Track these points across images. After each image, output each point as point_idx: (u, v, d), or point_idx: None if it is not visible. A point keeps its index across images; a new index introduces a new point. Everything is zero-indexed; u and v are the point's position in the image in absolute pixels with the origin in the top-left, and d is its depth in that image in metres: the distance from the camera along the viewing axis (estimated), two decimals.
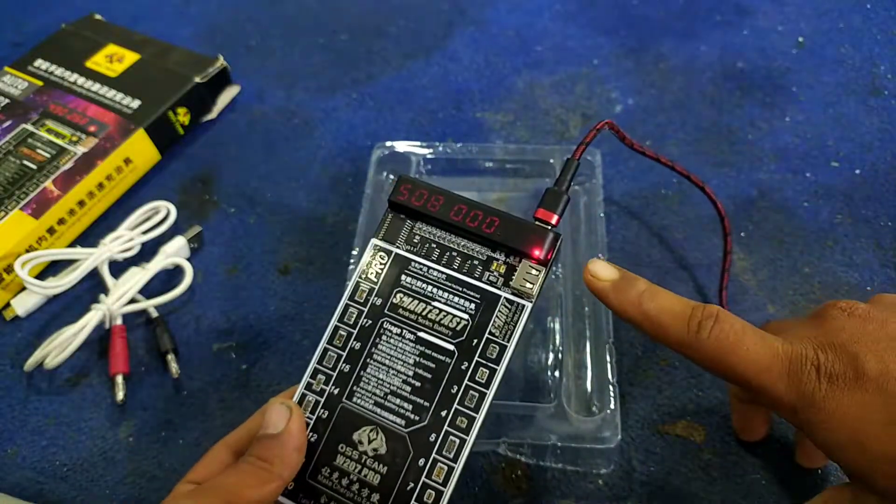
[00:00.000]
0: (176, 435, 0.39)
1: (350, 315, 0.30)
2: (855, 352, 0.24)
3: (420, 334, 0.29)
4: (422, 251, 0.30)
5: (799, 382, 0.24)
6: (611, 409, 0.34)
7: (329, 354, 0.29)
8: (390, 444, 0.28)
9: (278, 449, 0.26)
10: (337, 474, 0.28)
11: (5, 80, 0.53)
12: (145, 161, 0.51)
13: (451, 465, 0.27)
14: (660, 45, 0.57)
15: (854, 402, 0.23)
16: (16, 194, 0.45)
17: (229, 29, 0.62)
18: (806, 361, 0.24)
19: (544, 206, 0.30)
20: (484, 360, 0.28)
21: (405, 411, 0.28)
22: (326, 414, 0.29)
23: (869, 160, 0.48)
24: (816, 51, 0.55)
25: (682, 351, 0.27)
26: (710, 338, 0.25)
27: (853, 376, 0.23)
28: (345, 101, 0.55)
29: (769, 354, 0.25)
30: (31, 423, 0.40)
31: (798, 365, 0.24)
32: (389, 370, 0.29)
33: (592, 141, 0.32)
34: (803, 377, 0.24)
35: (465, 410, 0.28)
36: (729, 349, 0.25)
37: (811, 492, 0.34)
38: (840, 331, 0.25)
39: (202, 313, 0.43)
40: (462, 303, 0.29)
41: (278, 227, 0.47)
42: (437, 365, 0.28)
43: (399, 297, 0.29)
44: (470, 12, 0.61)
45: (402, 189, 0.30)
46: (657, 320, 0.27)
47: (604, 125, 0.32)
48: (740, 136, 0.50)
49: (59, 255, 0.44)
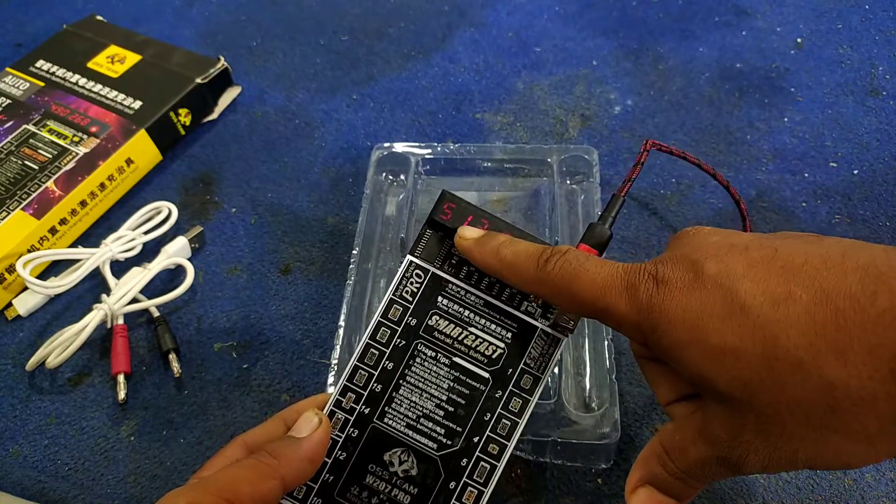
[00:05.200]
0: (177, 434, 0.39)
1: (383, 334, 0.29)
2: (696, 258, 0.24)
3: (455, 359, 0.29)
4: (460, 273, 0.30)
5: (637, 293, 0.24)
6: (610, 407, 0.34)
7: (360, 373, 0.29)
8: (421, 467, 0.28)
9: (291, 450, 0.26)
10: (367, 493, 0.28)
11: (7, 80, 0.53)
12: (147, 161, 0.51)
13: (481, 490, 0.28)
14: (659, 46, 0.57)
15: (693, 301, 0.23)
16: (17, 194, 0.46)
17: (230, 30, 0.62)
18: (644, 273, 0.24)
19: (587, 242, 0.30)
20: (518, 390, 0.28)
21: (437, 435, 0.28)
22: (357, 433, 0.28)
23: (867, 160, 0.48)
24: (815, 52, 0.55)
25: (534, 289, 0.27)
26: (556, 269, 0.26)
27: (692, 278, 0.23)
28: (345, 101, 0.55)
29: (609, 275, 0.25)
30: (32, 422, 0.40)
31: (636, 278, 0.24)
32: (423, 393, 0.29)
33: (639, 174, 0.32)
34: (640, 287, 0.24)
35: (497, 438, 0.28)
36: (572, 276, 0.25)
37: (810, 491, 0.35)
38: (684, 245, 0.25)
39: (203, 313, 0.44)
40: (499, 331, 0.29)
41: (279, 228, 0.48)
42: (472, 391, 0.29)
43: (435, 319, 0.29)
44: (470, 14, 0.61)
45: (446, 208, 0.30)
46: (512, 263, 0.27)
47: (647, 153, 0.32)
48: (739, 137, 0.50)
49: (61, 255, 0.44)
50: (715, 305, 0.22)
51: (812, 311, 0.21)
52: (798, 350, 0.21)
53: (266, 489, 0.24)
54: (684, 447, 0.25)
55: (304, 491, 0.28)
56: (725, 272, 0.23)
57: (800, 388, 0.21)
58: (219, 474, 0.25)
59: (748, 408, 0.22)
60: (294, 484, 0.26)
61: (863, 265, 0.21)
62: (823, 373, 0.20)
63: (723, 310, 0.22)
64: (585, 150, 0.45)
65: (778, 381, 0.21)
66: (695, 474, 0.25)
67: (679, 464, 0.25)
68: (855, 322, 0.20)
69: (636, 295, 0.24)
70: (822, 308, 0.21)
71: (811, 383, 0.21)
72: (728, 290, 0.22)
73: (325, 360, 0.41)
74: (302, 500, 0.28)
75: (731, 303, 0.22)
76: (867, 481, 0.35)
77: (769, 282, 0.22)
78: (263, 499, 0.24)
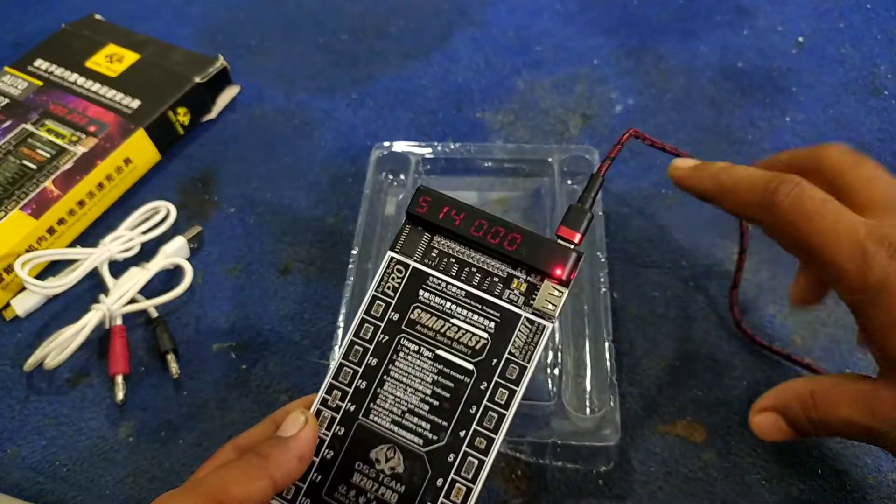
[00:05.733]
0: (176, 435, 0.39)
1: (366, 330, 0.29)
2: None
3: (438, 352, 0.28)
4: (440, 266, 0.29)
5: (873, 262, 0.22)
6: (610, 408, 0.34)
7: (345, 370, 0.29)
8: (408, 464, 0.28)
9: (279, 450, 0.26)
10: (354, 492, 0.28)
11: (5, 79, 0.53)
12: (145, 161, 0.51)
13: (469, 486, 0.27)
14: (660, 45, 0.57)
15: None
16: (16, 194, 0.45)
17: (229, 29, 0.62)
18: (883, 242, 0.23)
19: (567, 224, 0.28)
20: (503, 381, 0.28)
21: (423, 430, 0.28)
22: (343, 431, 0.28)
23: None
24: (816, 51, 0.55)
25: (757, 216, 0.26)
26: (788, 199, 0.24)
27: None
28: (345, 101, 0.55)
29: (849, 228, 0.23)
30: (30, 422, 0.40)
31: (875, 245, 0.23)
32: (407, 388, 0.28)
33: (618, 155, 0.31)
34: (878, 258, 0.22)
35: (484, 431, 0.27)
36: (805, 214, 0.24)
37: (810, 491, 0.34)
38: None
39: (202, 313, 0.43)
40: (481, 321, 0.29)
41: (278, 227, 0.48)
42: (456, 384, 0.28)
43: (417, 313, 0.29)
44: (470, 13, 0.61)
45: (422, 202, 0.29)
46: (733, 188, 0.26)
47: (628, 137, 0.32)
48: (740, 136, 0.50)
49: (59, 256, 0.44)
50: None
51: None
52: None
53: (256, 489, 0.24)
54: (837, 403, 0.24)
55: (293, 491, 0.28)
56: None
57: None
58: (209, 476, 0.25)
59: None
60: (284, 483, 0.26)
61: None
62: None
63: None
64: (586, 150, 0.45)
65: None
66: (832, 428, 0.24)
67: (823, 414, 0.24)
68: None
69: (871, 264, 0.23)
70: None
71: None
72: None
73: (324, 360, 0.41)
74: (291, 500, 0.28)
75: None
76: (869, 483, 0.34)
77: None
78: (254, 499, 0.24)
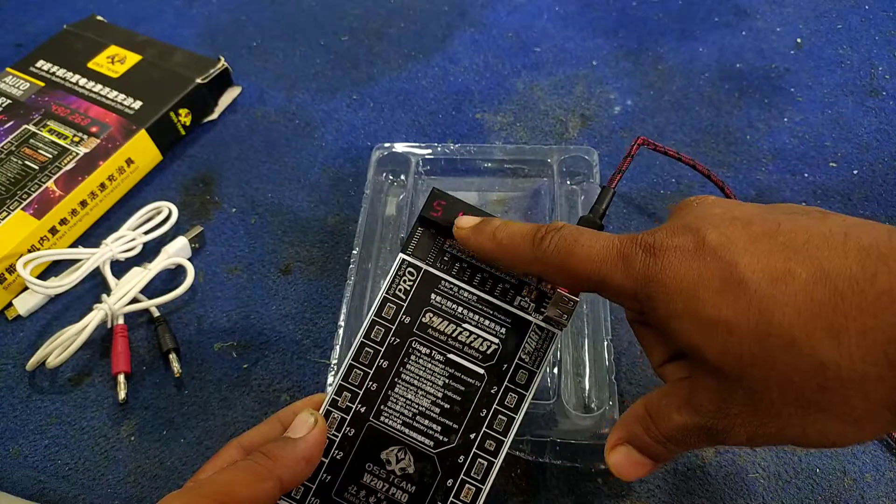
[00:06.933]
0: (177, 434, 0.39)
1: (377, 332, 0.29)
2: (697, 227, 0.24)
3: (450, 356, 0.29)
4: (452, 270, 0.30)
5: (632, 263, 0.24)
6: (609, 407, 0.34)
7: (355, 372, 0.29)
8: (419, 465, 0.28)
9: (287, 451, 0.26)
10: (364, 492, 0.28)
11: (7, 80, 0.53)
12: (147, 161, 0.51)
13: (478, 487, 0.28)
14: (658, 46, 0.57)
15: (691, 270, 0.23)
16: (18, 194, 0.46)
17: (230, 30, 0.62)
18: (640, 243, 0.24)
19: None
20: (513, 386, 0.28)
21: (434, 432, 0.28)
22: (353, 432, 0.28)
23: (867, 161, 0.48)
24: (814, 52, 0.55)
25: (532, 269, 0.27)
26: (552, 246, 0.26)
27: (692, 248, 0.23)
28: (345, 102, 0.55)
29: (604, 247, 0.25)
30: (33, 422, 0.40)
31: (631, 248, 0.24)
32: (418, 391, 0.29)
33: (629, 167, 0.32)
34: (637, 257, 0.24)
35: (493, 434, 0.28)
36: (568, 251, 0.25)
37: (810, 491, 0.35)
38: (686, 215, 0.25)
39: (203, 313, 0.44)
40: (492, 326, 0.29)
41: (279, 228, 0.48)
42: (467, 388, 0.29)
43: (429, 316, 0.29)
44: (470, 14, 0.62)
45: (436, 205, 0.29)
46: (509, 245, 0.27)
47: (637, 148, 0.32)
48: (738, 137, 0.50)
49: (61, 255, 0.44)
50: (712, 277, 0.22)
51: (810, 290, 0.21)
52: (792, 328, 0.21)
53: (262, 491, 0.24)
54: (669, 413, 0.25)
55: (302, 491, 0.28)
56: (726, 244, 0.23)
57: (791, 366, 0.21)
58: (215, 477, 0.24)
59: (737, 382, 0.22)
60: (291, 485, 0.26)
61: (865, 246, 0.21)
62: (816, 352, 0.20)
63: (720, 282, 0.22)
64: (585, 151, 0.45)
65: (769, 358, 0.21)
66: (675, 440, 0.25)
67: (661, 429, 0.25)
68: (852, 303, 0.20)
69: (632, 265, 0.24)
70: (820, 287, 0.21)
71: (803, 362, 0.21)
72: (727, 263, 0.22)
73: (325, 360, 0.41)
74: (299, 500, 0.28)
75: (728, 276, 0.22)
76: (867, 481, 0.35)
77: (769, 258, 0.22)
78: (260, 500, 0.24)
